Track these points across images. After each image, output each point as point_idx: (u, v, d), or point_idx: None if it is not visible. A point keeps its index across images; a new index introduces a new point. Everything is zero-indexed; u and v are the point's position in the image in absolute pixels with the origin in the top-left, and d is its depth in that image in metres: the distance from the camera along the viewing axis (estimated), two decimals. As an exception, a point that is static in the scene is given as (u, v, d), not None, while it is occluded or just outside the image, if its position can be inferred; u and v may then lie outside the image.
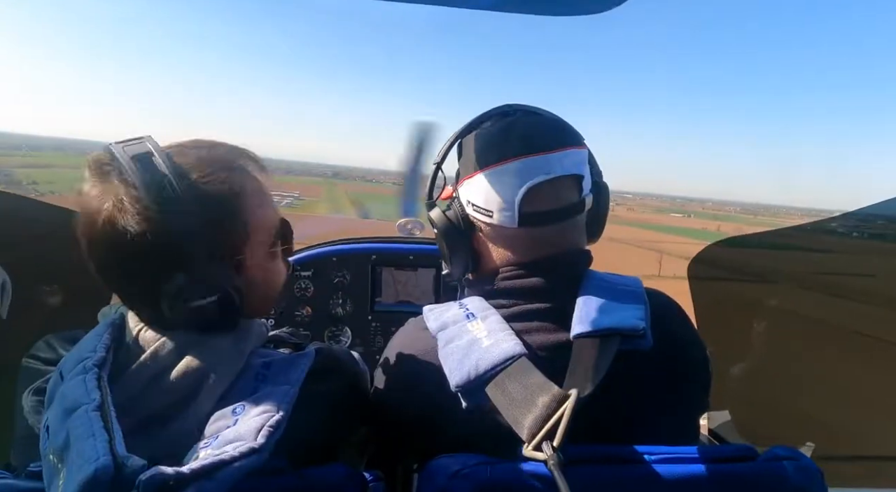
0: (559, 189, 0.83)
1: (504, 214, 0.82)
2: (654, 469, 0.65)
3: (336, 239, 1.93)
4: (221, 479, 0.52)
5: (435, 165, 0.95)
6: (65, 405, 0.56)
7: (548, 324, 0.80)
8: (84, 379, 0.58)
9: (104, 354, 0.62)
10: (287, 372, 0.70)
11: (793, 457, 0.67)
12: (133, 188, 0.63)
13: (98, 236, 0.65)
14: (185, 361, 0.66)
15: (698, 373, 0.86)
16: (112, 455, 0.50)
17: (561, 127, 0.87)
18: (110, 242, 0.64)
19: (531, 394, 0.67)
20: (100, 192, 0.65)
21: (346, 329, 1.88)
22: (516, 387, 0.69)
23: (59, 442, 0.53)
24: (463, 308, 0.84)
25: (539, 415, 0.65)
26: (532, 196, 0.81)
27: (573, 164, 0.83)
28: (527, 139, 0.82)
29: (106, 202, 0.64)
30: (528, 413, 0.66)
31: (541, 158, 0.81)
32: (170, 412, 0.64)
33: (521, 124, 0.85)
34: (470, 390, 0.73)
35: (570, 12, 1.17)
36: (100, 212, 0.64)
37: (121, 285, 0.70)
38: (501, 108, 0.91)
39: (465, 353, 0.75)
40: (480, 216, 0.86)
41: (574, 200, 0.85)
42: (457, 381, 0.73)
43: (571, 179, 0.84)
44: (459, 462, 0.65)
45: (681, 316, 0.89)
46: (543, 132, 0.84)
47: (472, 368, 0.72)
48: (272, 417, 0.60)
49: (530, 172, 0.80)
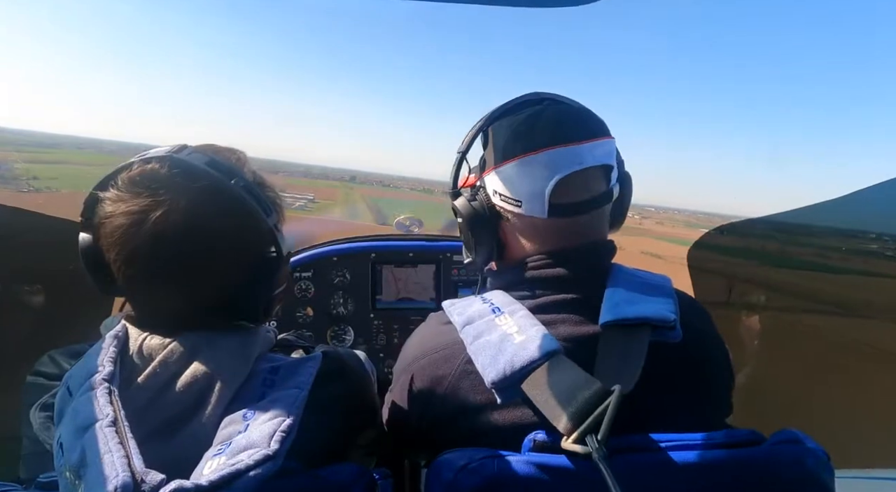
0: (589, 180, 0.82)
1: (533, 205, 0.82)
2: (661, 457, 0.65)
3: (335, 238, 1.93)
4: (239, 488, 0.52)
5: (460, 153, 0.94)
6: (77, 422, 0.56)
7: (574, 316, 0.79)
8: (95, 394, 0.58)
9: (112, 368, 0.62)
10: (295, 376, 0.70)
11: (798, 440, 0.67)
12: (200, 193, 0.67)
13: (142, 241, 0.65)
14: (193, 366, 0.66)
15: (724, 373, 0.86)
16: (131, 471, 0.50)
17: (589, 116, 0.86)
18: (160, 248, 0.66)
19: (571, 389, 0.67)
20: (151, 199, 0.66)
21: (349, 328, 1.88)
22: (554, 382, 0.68)
23: (75, 460, 0.53)
24: (487, 303, 0.83)
25: (579, 409, 0.64)
26: (562, 187, 0.80)
27: (602, 154, 0.82)
28: (556, 129, 0.81)
29: (159, 209, 0.65)
30: (567, 407, 0.65)
31: (571, 149, 0.80)
32: (181, 419, 0.64)
33: (549, 113, 0.84)
34: (505, 386, 0.72)
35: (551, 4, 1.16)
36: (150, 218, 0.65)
37: (150, 290, 0.70)
38: (528, 95, 0.89)
39: (498, 348, 0.73)
40: (508, 206, 0.86)
41: (603, 190, 0.84)
42: (492, 378, 0.71)
43: (600, 169, 0.83)
44: (466, 456, 0.65)
45: (706, 316, 0.89)
46: (573, 122, 0.83)
47: (507, 364, 0.71)
48: (283, 421, 0.61)
49: (560, 162, 0.80)
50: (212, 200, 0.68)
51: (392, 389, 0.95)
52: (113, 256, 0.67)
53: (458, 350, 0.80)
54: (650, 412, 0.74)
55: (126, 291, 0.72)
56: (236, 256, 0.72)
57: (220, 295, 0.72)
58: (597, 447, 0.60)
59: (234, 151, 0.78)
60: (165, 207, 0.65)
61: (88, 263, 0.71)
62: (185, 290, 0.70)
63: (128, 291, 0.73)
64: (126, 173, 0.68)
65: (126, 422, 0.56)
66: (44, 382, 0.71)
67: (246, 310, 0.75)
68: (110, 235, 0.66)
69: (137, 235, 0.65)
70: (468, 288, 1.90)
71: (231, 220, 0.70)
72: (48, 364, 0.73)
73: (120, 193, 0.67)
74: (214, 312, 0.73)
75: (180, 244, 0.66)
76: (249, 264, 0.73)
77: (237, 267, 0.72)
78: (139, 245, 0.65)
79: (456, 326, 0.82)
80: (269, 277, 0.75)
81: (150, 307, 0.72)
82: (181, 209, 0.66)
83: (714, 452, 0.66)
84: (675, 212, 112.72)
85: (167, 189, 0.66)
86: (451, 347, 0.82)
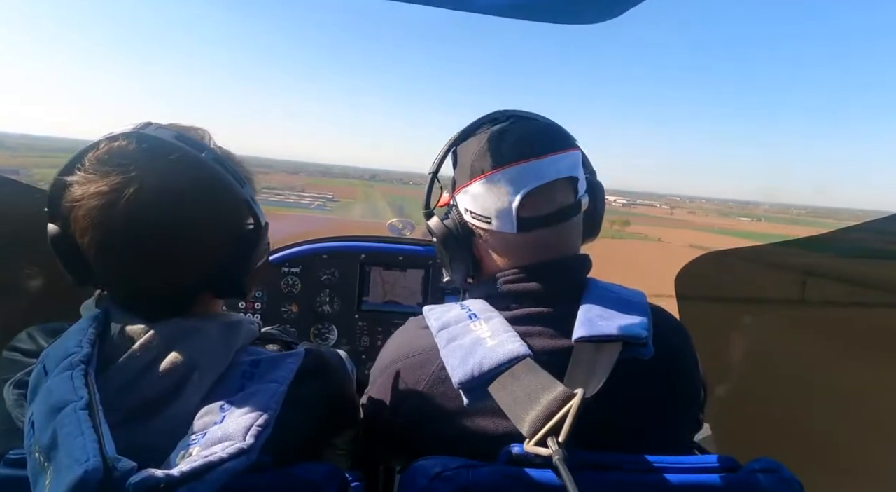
0: (554, 193, 0.84)
1: (502, 221, 0.83)
2: (637, 478, 0.65)
3: (326, 236, 1.92)
4: (211, 481, 0.52)
5: (431, 173, 0.96)
6: (51, 402, 0.55)
7: (549, 329, 0.80)
8: (71, 375, 0.57)
9: (90, 350, 0.61)
10: (275, 370, 0.69)
11: (773, 469, 0.68)
12: (172, 166, 0.65)
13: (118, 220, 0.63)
14: (173, 353, 0.65)
15: (695, 390, 0.87)
16: (102, 457, 0.49)
17: (553, 131, 0.88)
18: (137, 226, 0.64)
19: (535, 392, 0.68)
20: (122, 177, 0.64)
21: (333, 327, 1.87)
22: (520, 386, 0.69)
23: (46, 440, 0.52)
24: (465, 309, 0.84)
25: (542, 412, 0.65)
26: (528, 201, 0.82)
27: (566, 167, 0.84)
28: (519, 145, 0.83)
29: (131, 186, 0.63)
30: (531, 410, 0.66)
31: (535, 164, 0.82)
32: (156, 405, 0.63)
33: (512, 131, 0.86)
34: (472, 387, 0.72)
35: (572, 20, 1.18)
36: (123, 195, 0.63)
37: (130, 272, 0.68)
38: (493, 114, 0.92)
39: (468, 351, 0.74)
40: (479, 223, 0.87)
41: (570, 201, 0.86)
42: (459, 378, 0.72)
43: (566, 181, 0.85)
44: (441, 464, 0.65)
45: (681, 333, 0.90)
46: (535, 138, 0.85)
47: (475, 365, 0.72)
48: (261, 416, 0.60)
49: (524, 178, 0.81)
50: (185, 173, 0.66)
51: (368, 390, 0.96)
52: (87, 241, 0.65)
53: (434, 355, 0.80)
54: (618, 426, 0.75)
55: (104, 276, 0.71)
56: (215, 230, 0.71)
57: (201, 272, 0.71)
58: (556, 449, 0.61)
59: (198, 129, 0.76)
60: (138, 184, 0.63)
61: (61, 254, 0.70)
62: (165, 268, 0.68)
63: (105, 277, 0.71)
64: (93, 153, 0.66)
65: (100, 406, 0.55)
66: (20, 358, 0.69)
67: (229, 285, 0.74)
68: (83, 218, 0.64)
69: (111, 216, 0.63)
70: (455, 295, 1.89)
71: (206, 193, 0.68)
72: (26, 341, 0.72)
73: (88, 174, 0.65)
74: (196, 291, 0.72)
75: (157, 221, 0.65)
76: (229, 238, 0.72)
77: (217, 241, 0.71)
78: (114, 226, 0.64)
79: (432, 330, 0.83)
80: (249, 249, 0.74)
81: (129, 290, 0.71)
82: (154, 185, 0.64)
83: (689, 476, 0.66)
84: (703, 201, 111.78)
85: (137, 165, 0.64)
86: (427, 352, 0.83)
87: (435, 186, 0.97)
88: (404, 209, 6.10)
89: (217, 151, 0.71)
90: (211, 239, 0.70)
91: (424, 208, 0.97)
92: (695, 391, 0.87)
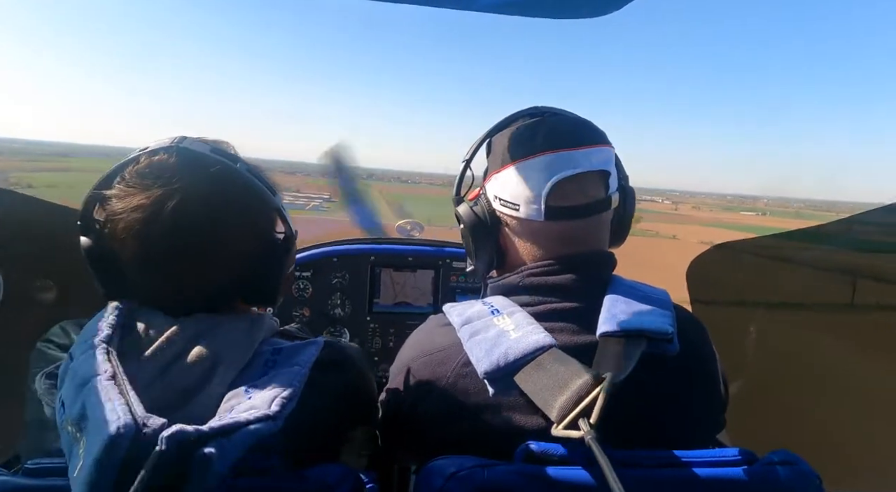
0: (585, 185, 0.84)
1: (531, 208, 0.83)
2: (656, 473, 0.65)
3: (335, 239, 1.93)
4: (238, 440, 0.54)
5: (464, 162, 0.97)
6: (76, 380, 0.57)
7: (573, 325, 0.79)
8: (94, 354, 0.59)
9: (110, 332, 0.63)
10: (297, 356, 0.71)
11: (791, 461, 0.67)
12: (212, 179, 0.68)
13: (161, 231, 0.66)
14: (198, 346, 0.66)
15: (717, 388, 0.86)
16: (132, 415, 0.51)
17: (587, 126, 0.88)
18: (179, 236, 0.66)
19: (563, 379, 0.67)
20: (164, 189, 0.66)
21: (345, 330, 1.87)
22: (547, 374, 0.69)
23: (76, 413, 0.54)
24: (487, 305, 0.84)
25: (572, 396, 0.65)
26: (558, 191, 0.82)
27: (599, 161, 0.84)
28: (554, 136, 0.84)
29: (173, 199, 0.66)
30: (559, 396, 0.66)
31: (568, 153, 0.82)
32: (184, 396, 0.64)
33: (548, 122, 0.87)
34: (498, 377, 0.72)
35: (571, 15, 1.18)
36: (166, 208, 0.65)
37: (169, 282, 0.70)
38: (529, 109, 0.93)
39: (493, 343, 0.74)
40: (507, 210, 0.87)
41: (600, 196, 0.85)
42: (485, 368, 0.72)
43: (597, 175, 0.85)
44: (456, 464, 0.65)
45: (703, 332, 0.89)
46: (570, 129, 0.86)
47: (500, 356, 0.72)
48: (285, 390, 0.62)
49: (557, 166, 0.82)
50: (224, 184, 0.69)
51: (387, 387, 0.96)
52: (127, 253, 0.67)
53: (456, 352, 0.80)
54: (641, 421, 0.75)
55: (141, 287, 0.72)
56: (251, 239, 0.73)
57: (236, 280, 0.73)
58: (588, 430, 0.61)
59: (225, 142, 0.79)
60: (180, 196, 0.66)
61: (96, 267, 0.72)
62: (203, 277, 0.71)
63: (142, 287, 0.72)
64: (133, 167, 0.69)
65: (125, 376, 0.57)
66: (54, 351, 0.72)
67: (262, 292, 0.77)
68: (123, 230, 0.66)
69: (154, 228, 0.65)
70: (466, 295, 1.89)
71: (244, 203, 0.71)
72: (59, 334, 0.74)
73: (129, 188, 0.67)
74: (230, 298, 0.75)
75: (197, 232, 0.67)
76: (263, 246, 0.75)
77: (253, 250, 0.73)
78: (156, 237, 0.66)
79: (454, 326, 0.83)
80: (282, 257, 0.77)
81: (163, 296, 0.72)
82: (196, 196, 0.66)
83: (706, 470, 0.65)
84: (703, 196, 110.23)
85: (179, 178, 0.67)
86: (448, 348, 0.83)
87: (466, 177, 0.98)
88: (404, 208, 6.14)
89: (247, 163, 0.74)
90: (247, 247, 0.73)
91: (455, 195, 0.98)
92: (716, 389, 0.86)
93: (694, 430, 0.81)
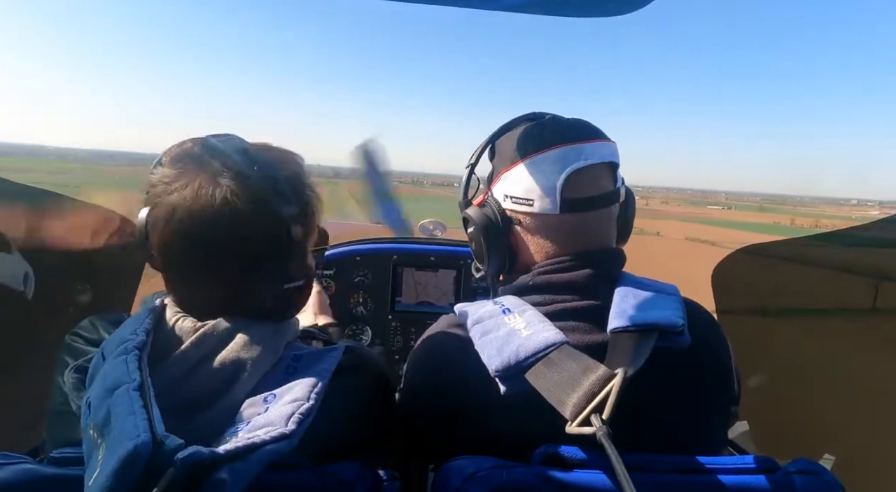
0: (597, 176, 0.85)
1: (546, 201, 0.84)
2: (673, 478, 0.64)
3: (358, 238, 1.96)
4: (253, 461, 0.54)
5: (468, 167, 0.97)
6: (106, 384, 0.59)
7: (584, 324, 0.80)
8: (126, 359, 0.60)
9: (144, 338, 0.65)
10: (317, 364, 0.71)
11: (814, 471, 0.66)
12: (246, 178, 0.69)
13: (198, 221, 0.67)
14: (224, 351, 0.68)
15: (729, 382, 0.86)
16: (151, 433, 0.52)
17: (589, 124, 0.90)
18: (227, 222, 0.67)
19: (575, 375, 0.68)
20: (203, 180, 0.68)
21: (367, 328, 1.90)
22: (559, 371, 0.69)
23: (100, 419, 0.55)
24: (498, 305, 0.84)
25: (585, 393, 0.65)
26: (572, 183, 0.83)
27: (608, 153, 0.86)
28: (563, 130, 0.86)
29: (212, 189, 0.67)
30: (573, 393, 0.66)
31: (578, 147, 0.84)
32: (207, 400, 0.66)
33: (554, 120, 0.90)
34: (509, 375, 0.72)
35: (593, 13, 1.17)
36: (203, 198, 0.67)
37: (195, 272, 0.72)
38: (530, 114, 0.94)
39: (504, 341, 0.75)
40: (520, 207, 0.87)
41: (610, 188, 0.87)
42: (496, 366, 0.73)
43: (607, 166, 0.87)
44: (474, 464, 0.65)
45: (715, 325, 0.88)
46: (576, 125, 0.88)
47: (511, 354, 0.72)
48: (302, 405, 0.62)
49: (569, 158, 0.83)
50: (268, 176, 0.70)
51: (401, 387, 0.97)
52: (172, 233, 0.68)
53: (467, 352, 0.80)
54: (652, 415, 0.75)
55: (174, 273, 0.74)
56: (288, 246, 0.74)
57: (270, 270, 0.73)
58: (599, 426, 0.61)
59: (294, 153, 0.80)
60: (231, 181, 0.67)
61: (145, 239, 0.72)
62: (239, 266, 0.71)
63: (176, 274, 0.74)
64: (179, 149, 0.72)
65: (152, 389, 0.58)
66: (82, 345, 0.74)
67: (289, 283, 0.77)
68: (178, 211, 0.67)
69: (203, 212, 0.67)
70: (488, 296, 1.89)
71: (289, 208, 0.72)
72: (89, 329, 0.77)
73: (175, 171, 0.69)
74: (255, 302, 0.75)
75: (246, 219, 0.68)
76: (297, 236, 0.74)
77: (289, 240, 0.73)
78: (204, 222, 0.67)
79: (466, 325, 0.83)
80: (312, 269, 0.79)
81: (193, 293, 0.74)
82: (247, 192, 0.68)
83: (726, 477, 0.64)
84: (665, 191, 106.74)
85: (227, 166, 0.69)
86: (460, 348, 0.83)
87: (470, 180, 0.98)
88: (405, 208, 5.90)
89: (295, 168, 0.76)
90: (283, 255, 0.74)
91: (462, 200, 0.99)
92: (728, 382, 0.86)
93: (703, 420, 0.81)
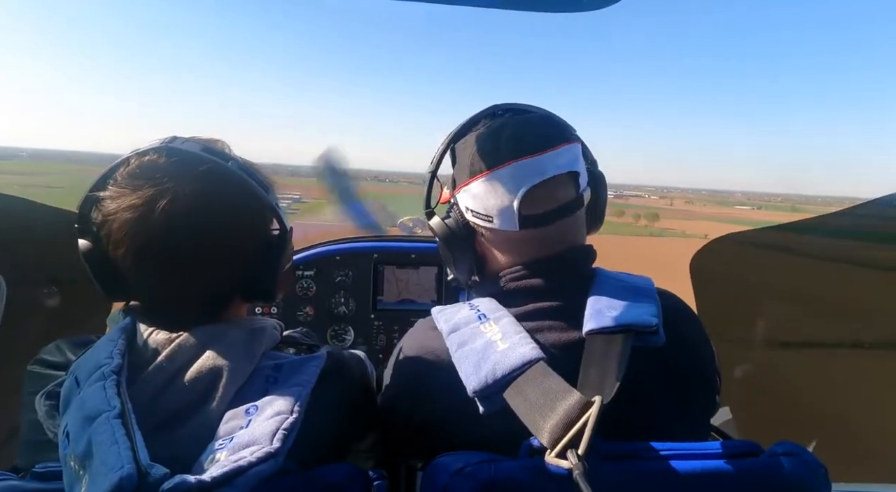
0: (555, 189, 0.83)
1: (504, 219, 0.83)
2: (659, 465, 0.65)
3: (338, 238, 1.94)
4: (241, 485, 0.53)
5: (430, 173, 0.95)
6: (84, 412, 0.56)
7: (559, 322, 0.80)
8: (103, 386, 0.58)
9: (120, 361, 0.63)
10: (298, 374, 0.70)
11: (796, 453, 0.67)
12: (202, 177, 0.68)
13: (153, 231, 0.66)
14: (199, 361, 0.67)
15: (708, 374, 0.86)
16: (136, 464, 0.50)
17: (550, 124, 0.87)
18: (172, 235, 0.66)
19: (551, 399, 0.67)
20: (155, 189, 0.66)
21: (349, 328, 1.88)
22: (535, 392, 0.68)
23: (81, 449, 0.54)
24: (474, 310, 0.83)
25: (560, 421, 0.64)
26: (529, 199, 0.81)
27: (566, 161, 0.83)
28: (517, 142, 0.82)
29: (164, 198, 0.66)
30: (548, 419, 0.65)
31: (534, 160, 0.81)
32: (185, 413, 0.64)
33: (510, 126, 0.85)
34: (488, 395, 0.72)
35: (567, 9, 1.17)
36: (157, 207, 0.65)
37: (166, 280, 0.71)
38: (489, 109, 0.91)
39: (480, 357, 0.74)
40: (480, 222, 0.87)
41: (572, 197, 0.85)
42: (474, 386, 0.72)
43: (566, 176, 0.84)
44: (462, 460, 0.65)
45: (692, 317, 0.89)
46: (533, 133, 0.84)
47: (489, 373, 0.72)
48: (286, 419, 0.61)
49: (524, 175, 0.81)
50: (215, 182, 0.69)
51: (383, 394, 0.96)
52: (122, 253, 0.68)
53: (445, 359, 0.80)
54: (632, 415, 0.74)
55: (138, 287, 0.73)
56: (245, 236, 0.73)
57: (233, 277, 0.73)
58: (576, 463, 0.59)
59: (218, 141, 0.79)
60: (170, 195, 0.66)
61: (94, 268, 0.72)
62: (198, 277, 0.71)
63: (137, 288, 0.73)
64: (124, 169, 0.69)
65: (133, 415, 0.57)
66: (46, 370, 0.71)
67: (260, 289, 0.77)
68: (117, 231, 0.67)
69: (146, 227, 0.66)
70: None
71: (236, 200, 0.71)
72: (54, 352, 0.74)
73: (121, 188, 0.67)
74: (228, 297, 0.75)
75: (190, 230, 0.67)
76: (258, 243, 0.75)
77: (247, 247, 0.74)
78: (149, 237, 0.66)
79: (442, 333, 0.82)
80: (278, 253, 0.77)
81: (161, 299, 0.73)
82: (187, 195, 0.66)
83: (712, 462, 0.65)
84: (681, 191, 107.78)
85: (170, 177, 0.67)
86: (438, 355, 0.82)
87: (435, 185, 0.96)
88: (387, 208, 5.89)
89: (240, 161, 0.74)
90: (242, 245, 0.73)
91: (425, 208, 0.97)
92: (709, 375, 0.86)
93: (686, 415, 0.81)
